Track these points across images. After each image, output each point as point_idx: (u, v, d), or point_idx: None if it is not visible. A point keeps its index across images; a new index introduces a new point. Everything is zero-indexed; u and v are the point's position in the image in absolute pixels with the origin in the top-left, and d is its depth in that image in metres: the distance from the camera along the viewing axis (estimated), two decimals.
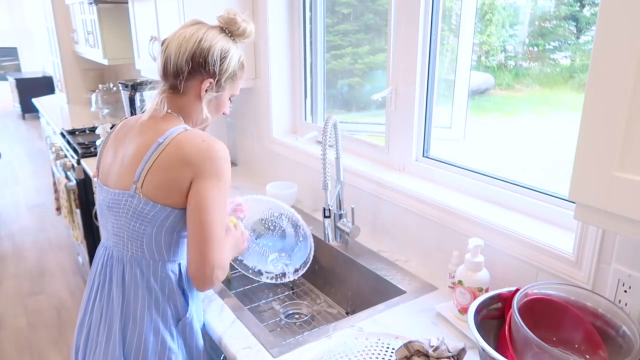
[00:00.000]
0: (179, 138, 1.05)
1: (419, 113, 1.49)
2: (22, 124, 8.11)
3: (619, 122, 0.64)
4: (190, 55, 1.07)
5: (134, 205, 1.05)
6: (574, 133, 0.70)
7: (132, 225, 1.06)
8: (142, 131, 1.10)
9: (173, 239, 1.09)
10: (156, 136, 1.06)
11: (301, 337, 1.14)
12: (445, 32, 1.49)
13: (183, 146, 1.03)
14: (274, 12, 1.94)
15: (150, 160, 1.03)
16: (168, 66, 1.09)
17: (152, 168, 1.03)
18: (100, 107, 3.68)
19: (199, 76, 1.09)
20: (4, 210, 4.52)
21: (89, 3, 3.21)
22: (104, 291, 1.12)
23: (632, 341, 0.84)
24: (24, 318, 2.90)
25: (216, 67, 1.09)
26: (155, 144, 1.04)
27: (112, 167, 1.12)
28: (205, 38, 1.08)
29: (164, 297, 1.10)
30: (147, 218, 1.05)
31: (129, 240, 1.08)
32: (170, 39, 1.10)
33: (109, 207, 1.10)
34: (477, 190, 1.36)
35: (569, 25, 1.33)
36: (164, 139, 1.04)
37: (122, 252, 1.10)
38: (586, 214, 0.72)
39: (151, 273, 1.09)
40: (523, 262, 1.15)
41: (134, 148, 1.08)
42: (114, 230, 1.10)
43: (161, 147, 1.04)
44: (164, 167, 1.03)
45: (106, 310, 1.10)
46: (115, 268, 1.10)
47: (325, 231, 1.43)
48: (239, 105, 2.28)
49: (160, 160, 1.03)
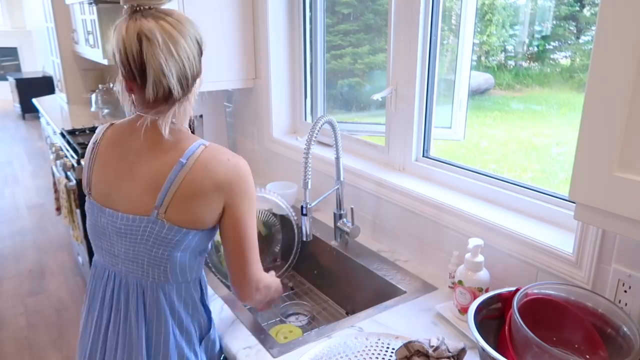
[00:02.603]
0: (203, 158, 0.97)
1: (419, 113, 1.49)
2: (22, 124, 8.11)
3: (619, 122, 0.64)
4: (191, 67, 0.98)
5: (156, 231, 0.97)
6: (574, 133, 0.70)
7: (154, 252, 0.98)
8: (152, 147, 0.99)
9: (197, 258, 1.05)
10: (177, 155, 0.96)
11: (301, 337, 1.14)
12: (445, 32, 1.49)
13: (211, 168, 0.97)
14: (274, 12, 1.94)
15: (175, 183, 0.95)
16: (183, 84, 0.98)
17: (177, 192, 0.95)
18: (100, 107, 3.67)
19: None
20: (4, 210, 4.52)
21: (89, 3, 3.20)
22: (119, 320, 1.04)
23: (632, 341, 0.84)
24: (24, 318, 2.90)
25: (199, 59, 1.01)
26: (177, 164, 0.96)
27: (116, 186, 1.01)
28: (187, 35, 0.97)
29: (188, 317, 1.06)
30: (172, 243, 0.98)
31: (150, 267, 1.00)
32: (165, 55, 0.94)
33: (119, 233, 1.00)
34: (477, 190, 1.36)
35: (569, 25, 1.33)
36: (186, 160, 0.96)
37: (140, 278, 1.02)
38: (586, 214, 0.72)
39: (175, 296, 1.03)
40: (523, 262, 1.15)
41: (148, 168, 0.98)
42: (129, 257, 1.01)
43: (185, 169, 0.96)
44: (193, 192, 0.96)
45: (123, 340, 1.03)
46: (132, 295, 1.03)
47: (303, 228, 1.44)
48: (239, 105, 2.28)
49: (186, 184, 0.95)
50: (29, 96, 5.84)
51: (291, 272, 1.80)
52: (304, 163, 1.38)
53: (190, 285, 1.06)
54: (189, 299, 1.06)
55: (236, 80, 2.06)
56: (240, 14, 1.99)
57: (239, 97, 2.25)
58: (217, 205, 0.99)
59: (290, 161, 1.96)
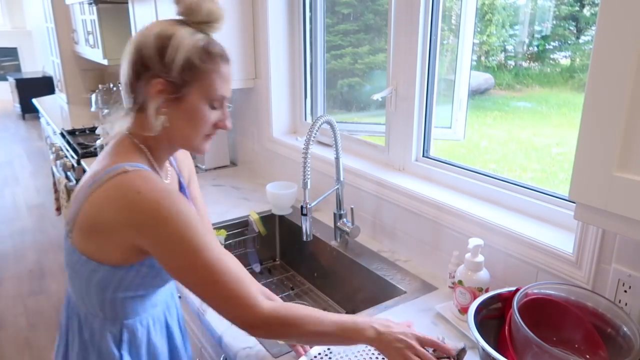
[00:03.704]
0: (113, 182, 0.83)
1: (419, 113, 1.49)
2: (22, 124, 8.11)
3: (619, 122, 0.64)
4: (130, 56, 0.87)
5: (66, 248, 0.90)
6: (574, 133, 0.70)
7: (67, 270, 0.93)
8: (98, 158, 0.92)
9: (106, 298, 0.90)
10: (96, 173, 0.85)
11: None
12: (445, 32, 1.49)
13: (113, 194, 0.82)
14: (274, 12, 1.94)
15: (81, 202, 0.85)
16: (120, 77, 0.90)
17: (81, 212, 0.84)
18: (100, 107, 3.67)
19: (145, 76, 0.86)
20: (4, 210, 4.52)
21: (89, 3, 3.21)
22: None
23: (632, 341, 0.84)
24: (24, 318, 2.90)
25: (153, 60, 0.85)
26: (90, 182, 0.85)
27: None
28: (145, 30, 0.87)
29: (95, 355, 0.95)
30: (75, 268, 0.89)
31: (70, 280, 0.95)
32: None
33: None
34: (477, 190, 1.36)
35: (569, 25, 1.33)
36: (99, 177, 0.84)
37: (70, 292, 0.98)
38: (586, 214, 0.72)
39: (87, 326, 0.94)
40: (523, 262, 1.15)
41: (82, 179, 0.90)
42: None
43: (92, 189, 0.84)
44: (90, 215, 0.84)
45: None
46: (67, 310, 1.00)
47: (303, 228, 1.44)
48: (239, 105, 2.28)
49: (88, 204, 0.84)
50: (29, 96, 5.84)
51: (291, 272, 1.80)
52: (303, 163, 1.38)
53: (106, 325, 0.94)
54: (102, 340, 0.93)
55: (236, 80, 2.06)
56: (240, 14, 1.99)
57: (239, 97, 2.25)
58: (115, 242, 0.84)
59: (290, 161, 1.96)
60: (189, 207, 0.84)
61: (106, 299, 0.90)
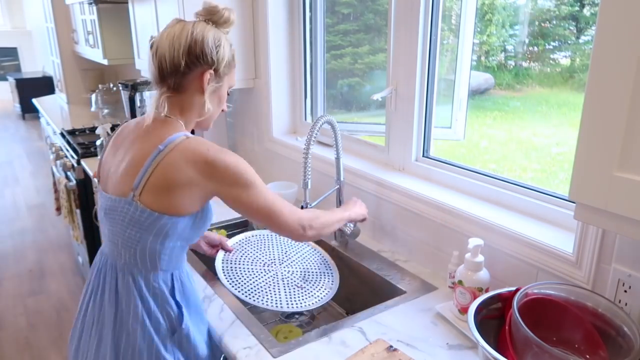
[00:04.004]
0: (181, 147, 1.02)
1: (419, 113, 1.49)
2: (22, 124, 8.11)
3: (619, 122, 0.64)
4: (185, 49, 1.04)
5: (130, 212, 1.02)
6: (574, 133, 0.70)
7: (127, 233, 1.04)
8: (140, 136, 1.07)
9: (168, 248, 1.07)
10: (156, 142, 1.02)
11: (301, 337, 1.14)
12: (445, 32, 1.49)
13: (187, 157, 1.01)
14: (274, 12, 1.94)
15: (151, 167, 1.00)
16: (164, 66, 1.05)
17: (152, 176, 1.00)
18: (100, 107, 3.68)
19: (198, 69, 1.06)
20: (4, 211, 4.52)
21: (89, 3, 3.21)
22: (97, 297, 1.11)
23: (632, 341, 0.84)
24: (24, 318, 2.90)
25: (214, 56, 1.06)
26: (155, 150, 1.01)
27: (111, 173, 1.10)
28: (195, 30, 1.05)
29: (157, 308, 1.08)
30: (144, 226, 1.02)
31: (123, 248, 1.06)
32: (159, 40, 1.06)
33: (106, 213, 1.08)
34: (477, 190, 1.36)
35: (569, 25, 1.33)
36: (164, 147, 1.01)
37: (116, 259, 1.08)
38: (586, 214, 0.72)
39: (143, 283, 1.07)
40: (523, 262, 1.15)
41: (132, 154, 1.05)
42: (110, 237, 1.09)
43: (161, 156, 1.00)
44: (165, 178, 1.00)
45: (98, 316, 1.10)
46: (109, 275, 1.09)
47: None
48: (239, 105, 2.28)
49: (160, 170, 1.00)
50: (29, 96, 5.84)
51: None
52: (304, 163, 1.39)
53: (159, 276, 1.09)
54: (157, 289, 1.08)
55: (236, 80, 2.05)
56: (240, 14, 1.99)
57: (239, 97, 2.25)
58: (194, 195, 1.02)
59: (290, 161, 1.96)
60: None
61: (166, 249, 1.06)
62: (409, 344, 1.09)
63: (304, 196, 1.43)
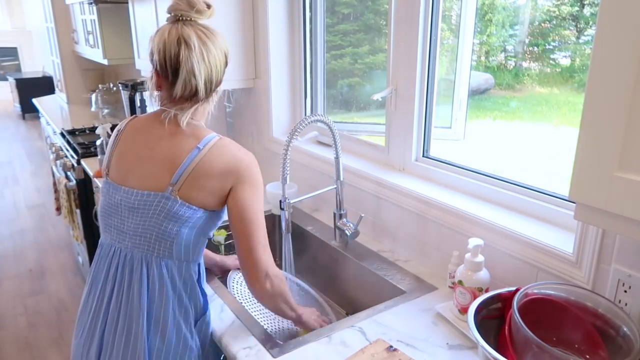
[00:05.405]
0: (218, 146, 1.10)
1: (419, 113, 1.49)
2: (22, 124, 8.11)
3: (619, 122, 0.64)
4: (223, 63, 1.15)
5: (168, 206, 1.07)
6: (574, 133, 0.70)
7: (163, 226, 1.08)
8: (168, 135, 1.11)
9: (201, 239, 1.14)
10: (194, 142, 1.09)
11: (301, 337, 1.14)
12: (445, 32, 1.49)
13: (223, 154, 1.10)
14: (274, 12, 1.94)
15: (192, 164, 1.07)
16: (214, 80, 1.13)
17: (193, 172, 1.07)
18: (100, 107, 3.68)
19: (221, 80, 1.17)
20: (4, 211, 4.52)
21: (89, 3, 3.21)
22: (121, 293, 1.11)
23: (632, 341, 0.84)
24: (24, 318, 2.90)
25: (221, 77, 1.16)
26: (195, 149, 1.08)
27: (135, 167, 1.12)
28: (219, 41, 1.12)
29: (187, 297, 1.13)
30: (182, 219, 1.08)
31: (157, 241, 1.09)
32: (192, 67, 1.07)
33: (132, 208, 1.10)
34: (477, 190, 1.36)
35: (569, 25, 1.33)
36: (202, 146, 1.09)
37: (145, 252, 1.10)
38: (586, 214, 0.72)
39: (176, 273, 1.12)
40: (523, 262, 1.15)
41: (165, 152, 1.10)
42: (138, 231, 1.10)
43: (202, 153, 1.08)
44: (205, 173, 1.08)
45: (124, 312, 1.10)
46: (137, 268, 1.10)
47: (283, 223, 1.47)
48: (239, 105, 2.28)
49: (202, 165, 1.07)
50: (29, 96, 5.84)
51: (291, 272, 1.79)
52: (283, 158, 1.40)
53: (191, 265, 1.14)
54: (189, 279, 1.14)
55: (236, 80, 2.06)
56: (240, 14, 1.99)
57: (239, 97, 2.25)
58: (223, 187, 1.10)
59: (290, 161, 1.96)
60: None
61: (198, 242, 1.13)
62: (409, 344, 1.09)
63: (282, 191, 1.44)
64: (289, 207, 1.46)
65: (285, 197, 1.44)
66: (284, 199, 1.44)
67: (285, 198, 1.44)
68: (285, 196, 1.44)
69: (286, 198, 1.44)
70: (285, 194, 1.45)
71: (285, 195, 1.44)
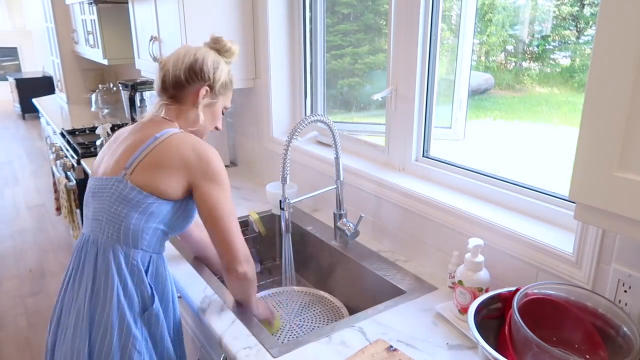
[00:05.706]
0: (176, 137, 1.16)
1: (419, 113, 1.49)
2: (22, 124, 8.11)
3: (619, 122, 0.64)
4: (187, 65, 1.20)
5: (119, 189, 1.12)
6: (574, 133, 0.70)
7: (113, 209, 1.12)
8: (138, 129, 1.20)
9: (150, 228, 1.15)
10: (153, 132, 1.16)
11: (301, 337, 1.14)
12: (445, 32, 1.49)
13: (178, 147, 1.14)
14: (274, 12, 1.94)
15: (145, 151, 1.13)
16: (167, 79, 1.21)
17: (145, 158, 1.13)
18: (100, 107, 3.68)
19: (196, 84, 1.21)
20: (4, 211, 4.52)
21: (89, 3, 3.21)
22: (77, 276, 1.17)
23: (632, 341, 0.84)
24: (24, 318, 2.90)
25: (210, 75, 1.21)
26: (152, 138, 1.14)
27: (103, 161, 1.21)
28: (198, 53, 1.22)
29: (133, 284, 1.15)
30: (132, 203, 1.12)
31: (107, 223, 1.13)
32: (167, 59, 1.23)
33: (93, 194, 1.18)
34: (477, 190, 1.36)
35: (569, 25, 1.33)
36: (160, 134, 1.15)
37: (97, 235, 1.15)
38: (586, 214, 0.72)
39: (122, 258, 1.14)
40: (523, 262, 1.15)
41: (127, 143, 1.17)
42: (94, 215, 1.16)
43: (158, 141, 1.14)
44: (157, 162, 1.13)
45: (77, 294, 1.15)
46: (90, 251, 1.15)
47: (282, 223, 1.47)
48: (239, 105, 2.28)
49: (155, 152, 1.13)
50: (29, 96, 5.84)
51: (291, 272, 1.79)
52: (283, 158, 1.40)
53: (139, 255, 1.16)
54: (135, 267, 1.16)
55: (236, 80, 2.04)
56: (240, 14, 1.99)
57: (239, 97, 2.25)
58: (178, 180, 1.14)
59: (290, 161, 1.96)
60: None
61: (149, 229, 1.15)
62: (409, 344, 1.09)
63: (282, 191, 1.44)
64: (289, 207, 1.46)
65: (285, 197, 1.44)
66: (284, 199, 1.44)
67: (285, 198, 1.44)
68: (285, 196, 1.44)
69: (286, 198, 1.45)
70: (285, 194, 1.45)
71: (285, 195, 1.44)
